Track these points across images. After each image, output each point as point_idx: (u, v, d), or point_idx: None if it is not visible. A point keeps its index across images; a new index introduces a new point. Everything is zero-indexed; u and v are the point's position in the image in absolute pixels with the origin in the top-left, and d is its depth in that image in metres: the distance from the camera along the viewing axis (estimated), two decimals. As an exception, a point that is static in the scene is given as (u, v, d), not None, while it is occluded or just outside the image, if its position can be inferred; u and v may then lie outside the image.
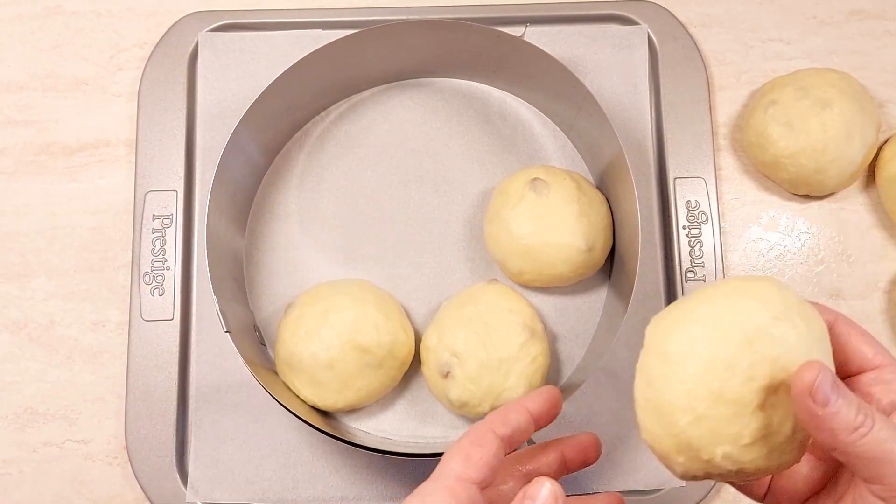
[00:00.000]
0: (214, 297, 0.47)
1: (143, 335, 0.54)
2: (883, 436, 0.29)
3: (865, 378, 0.32)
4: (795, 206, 0.59)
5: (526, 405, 0.40)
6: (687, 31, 0.60)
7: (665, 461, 0.33)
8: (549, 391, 0.41)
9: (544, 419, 0.40)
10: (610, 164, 0.53)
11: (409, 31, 0.53)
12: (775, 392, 0.31)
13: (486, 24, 0.54)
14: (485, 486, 0.36)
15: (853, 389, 0.32)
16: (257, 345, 0.54)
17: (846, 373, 0.33)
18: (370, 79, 0.58)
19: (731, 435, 0.31)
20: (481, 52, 0.55)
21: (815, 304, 0.33)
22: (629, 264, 0.50)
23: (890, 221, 0.58)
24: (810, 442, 0.33)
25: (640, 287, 0.55)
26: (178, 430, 0.53)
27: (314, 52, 0.51)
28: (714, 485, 0.53)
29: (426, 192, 0.57)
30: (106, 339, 0.56)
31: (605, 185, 0.55)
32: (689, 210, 0.57)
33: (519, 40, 0.52)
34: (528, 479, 0.40)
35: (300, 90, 0.54)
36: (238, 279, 0.55)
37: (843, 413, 0.29)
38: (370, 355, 0.50)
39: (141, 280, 0.55)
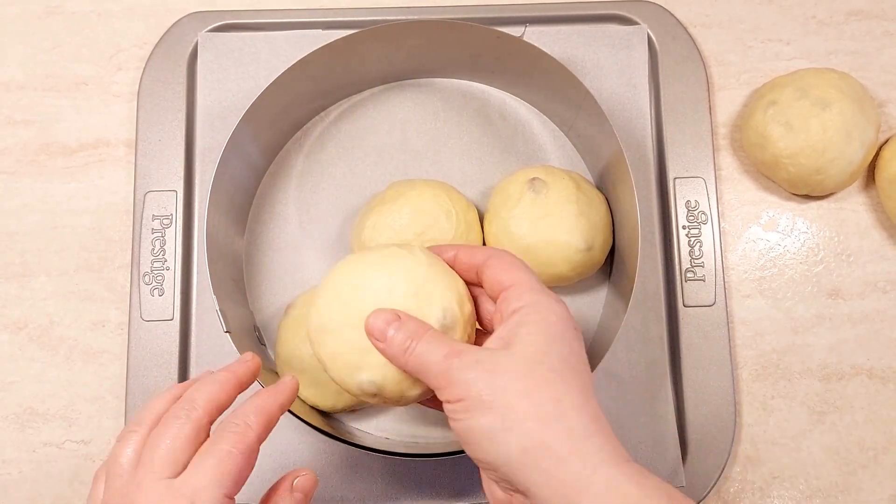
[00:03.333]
0: (214, 297, 0.47)
1: (142, 335, 0.54)
2: (423, 349, 0.36)
3: (501, 297, 0.38)
4: (795, 206, 0.59)
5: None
6: (686, 31, 0.60)
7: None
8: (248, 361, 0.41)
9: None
10: (609, 163, 0.53)
11: (408, 32, 0.53)
12: None
13: (486, 24, 0.54)
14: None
15: (499, 308, 0.38)
16: (257, 345, 0.54)
17: (498, 292, 0.39)
18: (370, 79, 0.58)
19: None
20: (481, 52, 0.55)
21: (468, 248, 0.41)
22: (629, 264, 0.50)
23: (889, 221, 0.58)
24: None
25: (640, 287, 0.55)
26: (177, 430, 0.53)
27: (313, 52, 0.51)
28: (714, 484, 0.53)
29: (426, 192, 0.57)
30: (106, 339, 0.56)
31: (605, 185, 0.55)
32: (689, 210, 0.57)
33: (518, 40, 0.52)
34: None
35: (300, 90, 0.54)
36: (238, 279, 0.55)
37: (396, 341, 0.37)
38: (370, 355, 0.50)
39: (141, 280, 0.55)
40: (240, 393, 0.39)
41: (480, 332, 0.43)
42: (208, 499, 0.34)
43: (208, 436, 0.37)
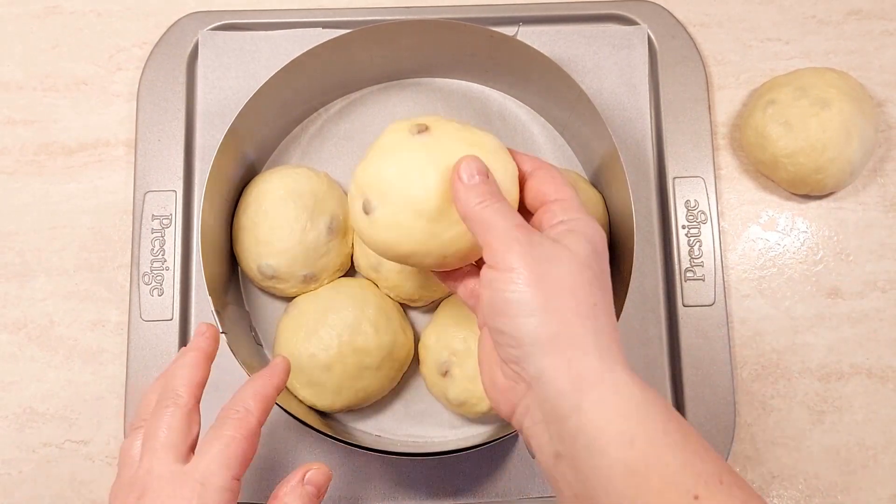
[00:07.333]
0: (210, 297, 0.47)
1: (142, 335, 0.54)
2: (498, 208, 0.37)
3: (547, 207, 0.40)
4: (794, 206, 0.59)
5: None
6: (686, 30, 0.60)
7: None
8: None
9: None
10: (604, 162, 0.53)
11: (402, 31, 0.53)
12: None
13: (485, 23, 0.54)
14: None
15: (541, 217, 0.40)
16: (254, 345, 0.54)
17: (541, 203, 0.41)
18: (367, 78, 0.58)
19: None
20: (477, 52, 0.55)
21: (517, 154, 0.42)
22: (625, 263, 0.50)
23: (888, 220, 0.58)
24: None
25: (640, 286, 0.55)
26: (177, 429, 0.53)
27: (308, 51, 0.51)
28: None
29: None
30: (105, 339, 0.56)
31: (601, 185, 0.55)
32: (689, 209, 0.57)
33: (512, 40, 0.52)
34: None
35: (296, 89, 0.54)
36: (234, 279, 0.55)
37: (480, 189, 0.38)
38: (369, 357, 0.50)
39: (140, 280, 0.55)
40: (211, 363, 0.42)
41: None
42: (218, 481, 0.37)
43: (199, 415, 0.40)
